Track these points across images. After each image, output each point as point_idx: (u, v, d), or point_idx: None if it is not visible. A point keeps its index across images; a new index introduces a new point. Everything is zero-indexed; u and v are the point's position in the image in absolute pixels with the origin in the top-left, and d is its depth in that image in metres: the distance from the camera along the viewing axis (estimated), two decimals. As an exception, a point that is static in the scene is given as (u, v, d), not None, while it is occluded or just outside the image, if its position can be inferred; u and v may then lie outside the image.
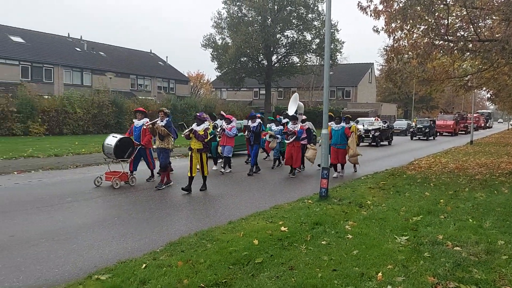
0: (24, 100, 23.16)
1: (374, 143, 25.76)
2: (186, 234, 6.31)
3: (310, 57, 45.18)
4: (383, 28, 12.96)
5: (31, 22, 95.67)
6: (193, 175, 9.67)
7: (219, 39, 43.53)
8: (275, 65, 44.81)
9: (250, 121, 13.66)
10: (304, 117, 15.02)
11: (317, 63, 45.64)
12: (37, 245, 5.87)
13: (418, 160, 17.17)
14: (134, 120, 11.35)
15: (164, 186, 10.19)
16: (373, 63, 63.25)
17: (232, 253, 5.23)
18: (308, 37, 43.22)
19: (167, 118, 10.35)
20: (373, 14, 12.75)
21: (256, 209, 8.05)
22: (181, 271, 4.66)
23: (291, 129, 12.62)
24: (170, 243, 5.84)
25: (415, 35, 13.43)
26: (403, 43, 13.26)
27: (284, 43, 43.61)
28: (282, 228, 6.28)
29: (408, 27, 12.55)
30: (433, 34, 12.48)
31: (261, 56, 43.90)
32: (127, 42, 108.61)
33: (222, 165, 13.24)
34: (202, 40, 43.73)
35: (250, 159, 14.44)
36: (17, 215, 7.38)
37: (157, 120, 10.29)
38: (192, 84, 60.34)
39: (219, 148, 13.51)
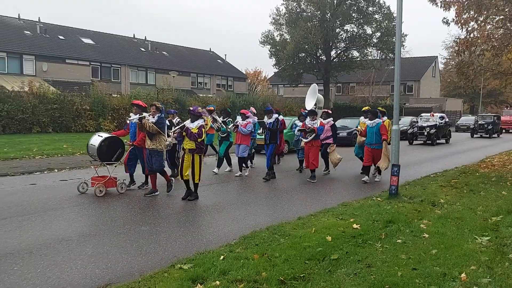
0: (96, 99, 24.57)
1: (429, 141, 23.32)
2: (257, 228, 6.46)
3: (371, 51, 44.11)
4: (453, 19, 12.43)
5: (99, 24, 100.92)
6: (184, 178, 8.53)
7: (277, 36, 43.63)
8: (334, 60, 44.19)
9: (266, 116, 11.74)
10: (330, 111, 13.16)
11: (378, 57, 44.46)
12: (120, 234, 6.26)
13: (489, 158, 16.28)
14: (130, 115, 9.61)
15: (156, 193, 8.97)
16: (437, 56, 60.54)
17: (306, 248, 5.29)
18: (369, 30, 42.19)
19: (159, 114, 8.89)
20: (443, 5, 12.26)
21: (323, 206, 8.07)
22: (258, 264, 4.78)
23: (309, 125, 10.92)
24: (243, 236, 6.00)
25: (489, 26, 12.75)
26: (476, 35, 12.63)
27: (344, 37, 42.86)
28: (354, 226, 6.24)
29: (482, 17, 11.94)
30: (510, 25, 11.79)
31: (320, 52, 43.46)
32: (187, 41, 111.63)
33: (245, 167, 11.93)
34: (261, 37, 44.16)
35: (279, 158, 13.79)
36: (101, 206, 7.90)
37: (145, 115, 8.76)
38: (249, 81, 60.94)
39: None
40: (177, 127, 8.62)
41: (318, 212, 7.41)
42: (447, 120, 26.55)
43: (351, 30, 42.52)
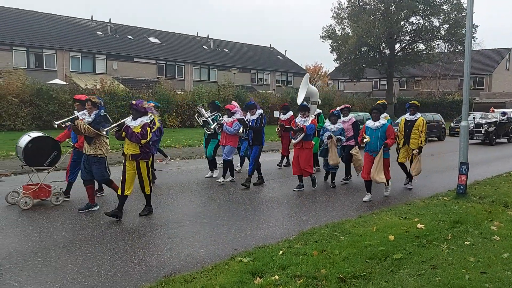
0: (162, 96, 25.51)
1: (488, 140, 20.66)
2: (316, 225, 6.44)
3: (438, 44, 42.09)
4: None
5: (165, 21, 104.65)
6: (126, 193, 6.75)
7: (338, 30, 42.91)
8: (398, 53, 42.70)
9: (248, 112, 9.88)
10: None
11: (446, 50, 42.28)
12: (183, 226, 6.51)
13: None
14: (74, 112, 7.84)
15: (92, 209, 7.22)
16: (511, 48, 56.32)
17: (367, 247, 5.19)
18: (436, 22, 40.32)
19: (97, 112, 7.16)
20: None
21: (385, 205, 7.87)
22: (317, 261, 4.76)
23: (299, 124, 9.09)
24: (302, 232, 6.00)
25: None
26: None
27: (409, 30, 41.27)
28: (419, 225, 6.03)
29: None
30: None
31: (383, 45, 42.19)
32: (248, 37, 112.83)
33: (223, 174, 10.02)
34: (321, 32, 43.58)
35: (281, 162, 12.48)
36: (165, 199, 8.24)
37: (79, 115, 7.41)
38: (309, 76, 60.42)
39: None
40: (113, 125, 6.92)
41: (380, 211, 7.24)
42: (510, 116, 23.87)
43: (417, 22, 40.86)
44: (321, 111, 11.75)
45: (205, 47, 45.11)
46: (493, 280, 4.17)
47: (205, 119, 10.14)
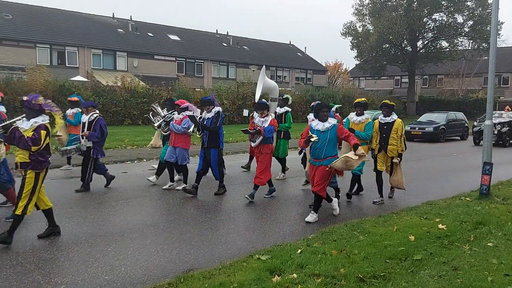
0: (181, 93, 25.71)
1: (501, 142, 19.06)
2: (336, 224, 6.39)
3: (462, 41, 41.23)
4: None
5: (184, 20, 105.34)
6: (42, 207, 5.66)
7: (359, 27, 42.45)
8: (421, 51, 41.93)
9: (204, 110, 8.34)
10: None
11: (470, 47, 41.39)
12: (201, 222, 6.54)
13: None
14: None
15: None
16: (539, 45, 54.76)
17: (387, 247, 5.13)
18: (460, 19, 39.46)
19: None
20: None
21: (406, 204, 7.76)
22: (336, 260, 4.73)
23: (258, 125, 8.00)
24: (321, 231, 5.97)
25: None
26: None
27: (432, 27, 40.49)
28: (440, 226, 5.94)
29: None
30: None
31: (405, 42, 41.52)
32: (268, 34, 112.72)
33: (183, 180, 8.86)
34: (342, 28, 43.15)
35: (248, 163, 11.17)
36: (183, 196, 8.27)
37: None
38: (329, 73, 59.97)
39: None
40: None
41: (401, 210, 7.15)
42: None
43: (440, 19, 40.07)
44: (289, 109, 10.45)
45: (225, 44, 45.22)
46: (517, 283, 4.08)
47: (159, 118, 9.39)
